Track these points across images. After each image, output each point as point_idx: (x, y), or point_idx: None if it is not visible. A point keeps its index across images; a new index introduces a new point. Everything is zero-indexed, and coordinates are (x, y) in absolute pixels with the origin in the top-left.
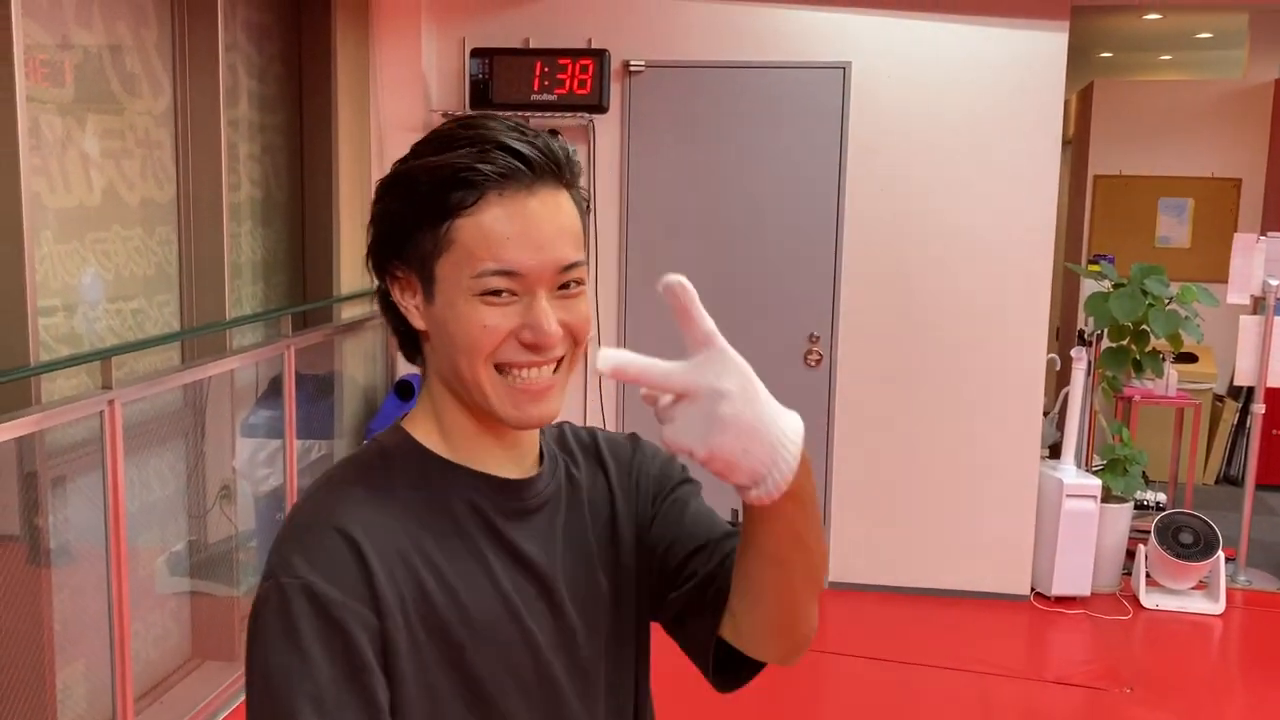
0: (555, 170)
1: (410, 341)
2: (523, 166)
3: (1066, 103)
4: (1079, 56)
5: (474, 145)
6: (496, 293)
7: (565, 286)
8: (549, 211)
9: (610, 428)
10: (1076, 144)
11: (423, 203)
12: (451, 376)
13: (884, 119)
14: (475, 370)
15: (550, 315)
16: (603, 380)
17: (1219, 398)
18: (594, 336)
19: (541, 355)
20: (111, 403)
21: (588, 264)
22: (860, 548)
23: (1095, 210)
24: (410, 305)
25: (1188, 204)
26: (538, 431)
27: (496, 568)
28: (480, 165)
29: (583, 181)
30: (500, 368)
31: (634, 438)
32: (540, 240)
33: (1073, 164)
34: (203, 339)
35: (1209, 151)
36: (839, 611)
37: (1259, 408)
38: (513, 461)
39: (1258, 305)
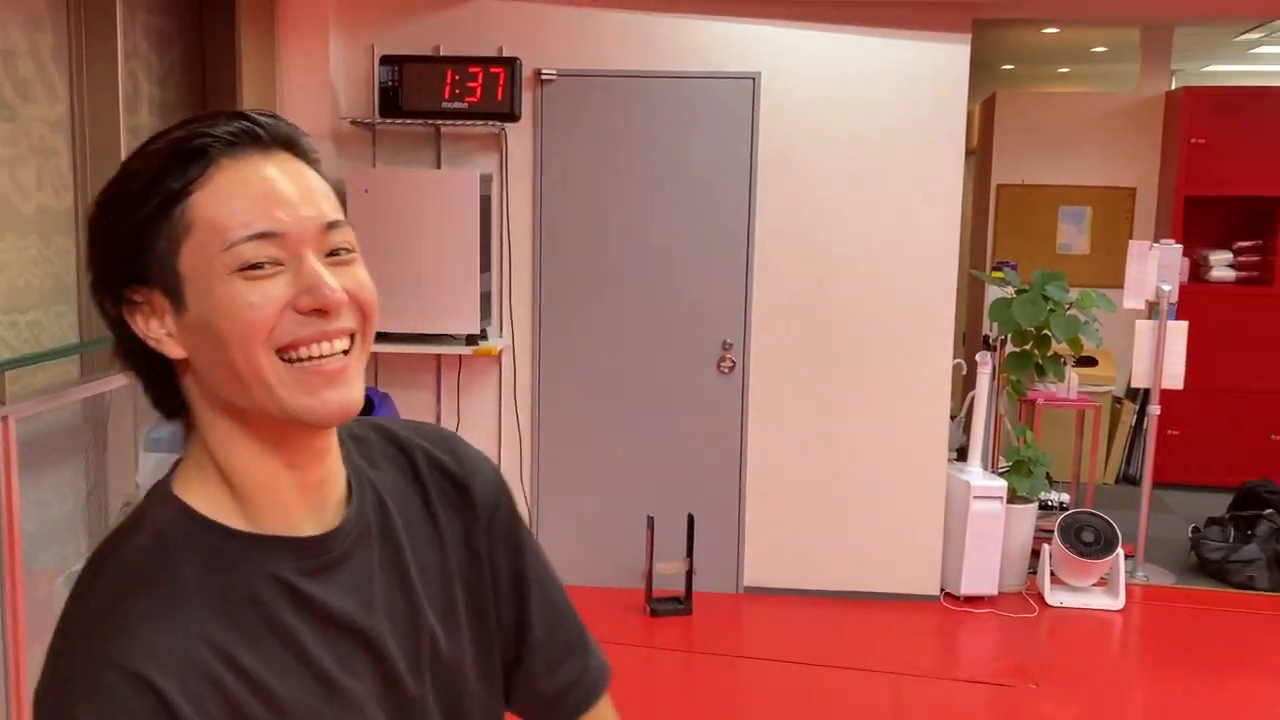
0: (289, 142)
1: (166, 391)
2: (254, 127)
3: (971, 113)
4: (982, 69)
5: (195, 121)
6: (257, 266)
7: (335, 254)
8: (291, 173)
9: (526, 449)
10: (981, 154)
11: (146, 197)
12: (229, 388)
13: (794, 129)
14: (254, 360)
15: (327, 273)
16: (517, 397)
17: (1118, 400)
18: (509, 348)
19: (329, 323)
20: (4, 419)
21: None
22: (774, 552)
23: (999, 218)
24: (161, 334)
25: (1086, 212)
26: (340, 456)
27: (305, 638)
28: (208, 130)
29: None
30: (283, 353)
31: (460, 456)
32: (290, 198)
33: (977, 173)
34: (103, 351)
35: (1105, 161)
36: (754, 616)
37: (1154, 409)
38: (316, 504)
39: (1153, 310)
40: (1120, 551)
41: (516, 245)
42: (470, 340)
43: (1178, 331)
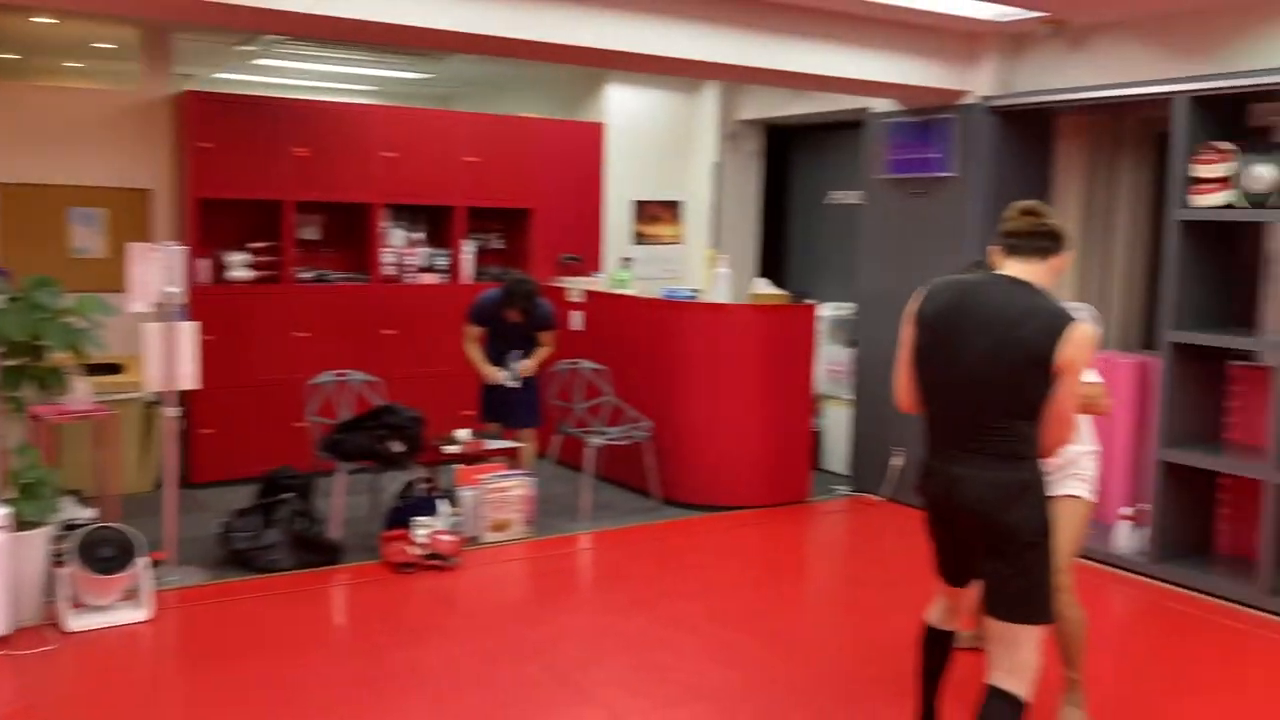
0: None
1: None
2: None
3: None
4: None
5: None
6: None
7: None
8: None
9: None
10: None
11: None
12: None
13: None
14: None
15: None
16: None
17: (152, 404)
18: None
19: None
20: None
21: None
22: None
23: (4, 221)
24: None
25: (101, 214)
26: None
27: None
28: None
29: None
30: None
31: None
32: None
33: None
34: None
35: (118, 162)
36: None
37: (172, 410)
38: None
39: (163, 312)
40: (145, 560)
41: None
42: None
43: (188, 332)
